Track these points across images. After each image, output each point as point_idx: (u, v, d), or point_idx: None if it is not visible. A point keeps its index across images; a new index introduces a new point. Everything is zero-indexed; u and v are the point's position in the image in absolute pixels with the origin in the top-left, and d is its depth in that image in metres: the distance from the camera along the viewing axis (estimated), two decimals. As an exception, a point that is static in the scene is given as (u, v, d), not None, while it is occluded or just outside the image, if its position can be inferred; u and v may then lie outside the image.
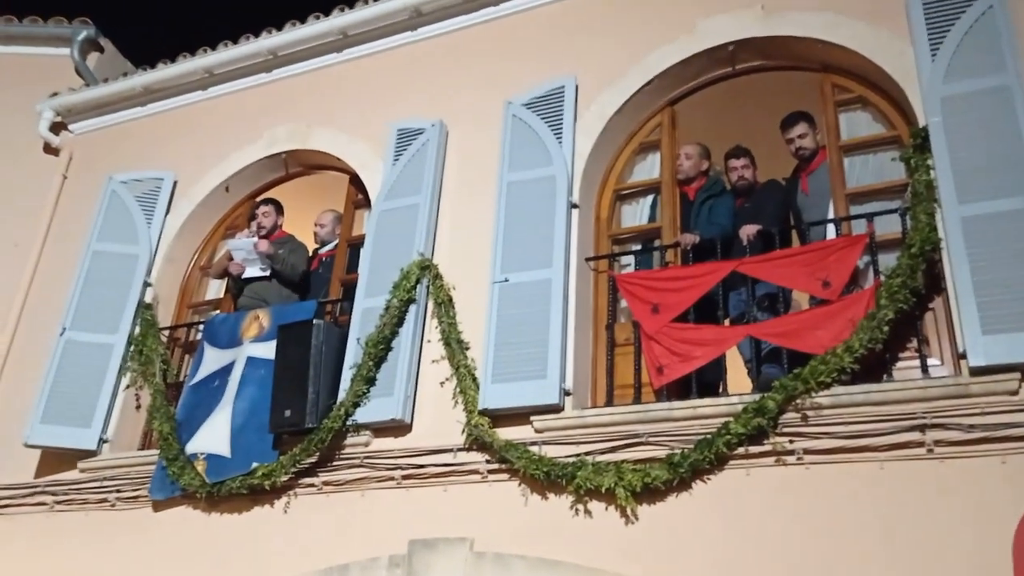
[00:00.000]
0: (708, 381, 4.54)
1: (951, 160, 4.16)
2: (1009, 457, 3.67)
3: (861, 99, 4.91)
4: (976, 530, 3.60)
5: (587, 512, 4.31)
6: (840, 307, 4.18)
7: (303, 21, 6.57)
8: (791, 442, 4.02)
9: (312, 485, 5.00)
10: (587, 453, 4.37)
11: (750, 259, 4.57)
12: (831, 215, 4.67)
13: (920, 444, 3.81)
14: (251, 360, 5.50)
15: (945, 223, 4.08)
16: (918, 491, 3.76)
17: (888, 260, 4.26)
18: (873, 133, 4.85)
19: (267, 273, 6.04)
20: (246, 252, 6.02)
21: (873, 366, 4.07)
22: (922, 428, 3.81)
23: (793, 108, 5.03)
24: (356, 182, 6.11)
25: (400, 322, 5.06)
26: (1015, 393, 3.75)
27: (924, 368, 4.04)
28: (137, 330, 6.06)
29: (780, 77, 5.24)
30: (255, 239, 6.05)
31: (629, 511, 4.19)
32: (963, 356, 3.86)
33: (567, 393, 4.59)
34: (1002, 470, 3.66)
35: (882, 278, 4.14)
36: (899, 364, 4.15)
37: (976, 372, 3.80)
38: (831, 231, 4.60)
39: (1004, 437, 3.69)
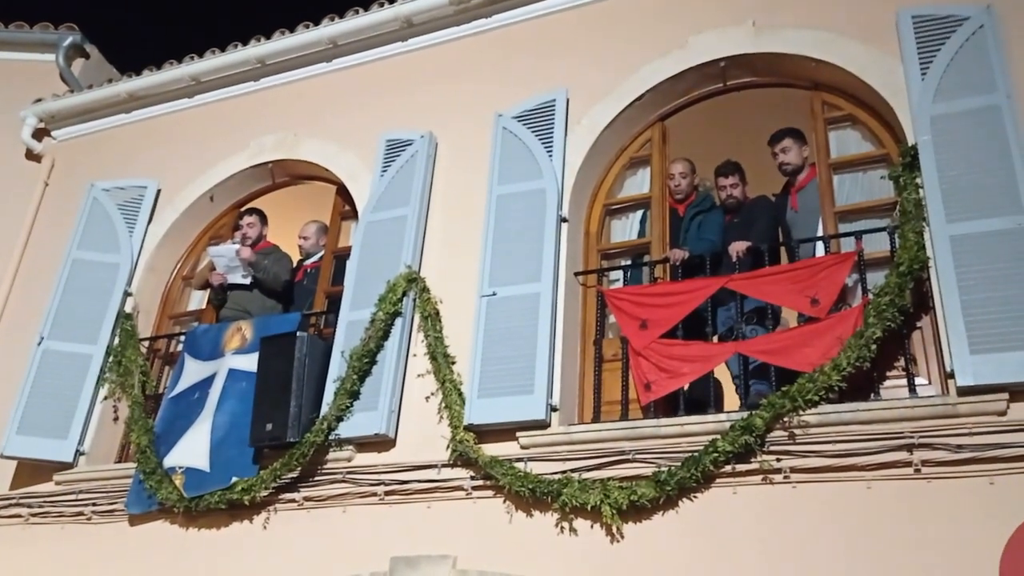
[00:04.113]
0: (696, 398, 4.51)
1: (940, 179, 4.17)
2: (997, 478, 3.66)
3: (851, 117, 4.92)
4: (963, 551, 3.59)
5: (572, 530, 4.26)
6: (828, 325, 4.17)
7: (292, 30, 6.54)
8: (778, 460, 4.00)
9: (293, 500, 4.92)
10: (573, 470, 4.33)
11: (739, 275, 4.56)
12: (820, 232, 4.67)
13: (907, 464, 3.79)
14: (232, 372, 5.43)
15: (933, 242, 4.08)
16: (905, 511, 3.75)
17: (877, 278, 4.26)
18: (863, 151, 4.86)
19: (248, 281, 5.97)
20: (228, 259, 5.95)
21: (861, 384, 4.06)
22: (909, 448, 3.80)
23: (783, 125, 5.04)
24: (343, 193, 6.07)
25: (385, 335, 5.01)
26: (1003, 414, 3.75)
27: (912, 387, 4.03)
28: (116, 340, 5.97)
29: (771, 94, 5.25)
30: (237, 246, 5.99)
31: (615, 529, 4.15)
32: (951, 376, 3.86)
33: (554, 409, 4.55)
34: (989, 491, 3.65)
35: (870, 296, 4.14)
36: (887, 383, 4.15)
37: (964, 392, 3.79)
38: (820, 248, 4.60)
39: (992, 458, 3.68)
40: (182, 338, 6.06)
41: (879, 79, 4.62)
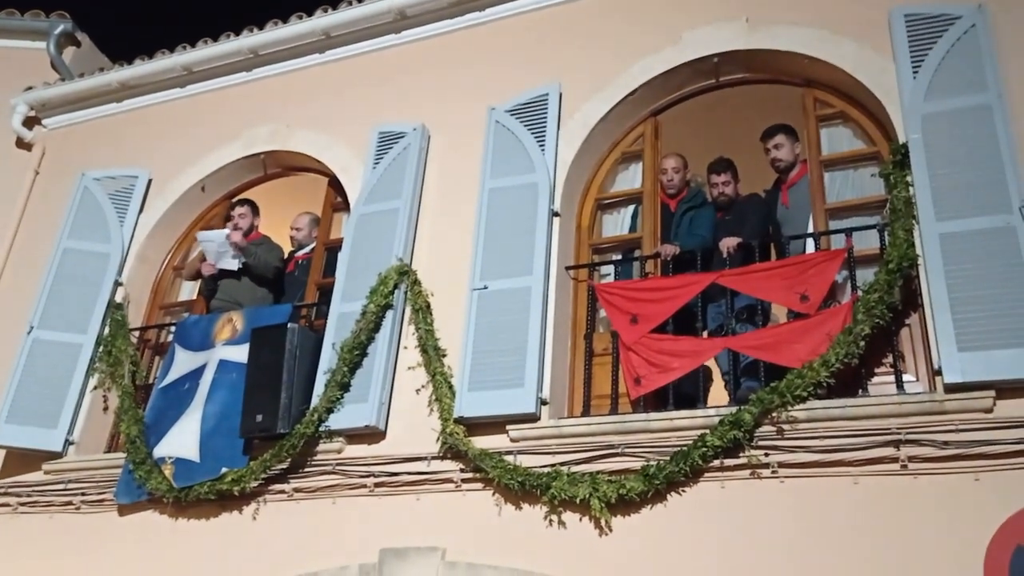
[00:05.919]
0: (686, 393, 4.52)
1: (930, 177, 4.19)
2: (983, 474, 3.69)
3: (843, 114, 4.93)
4: (949, 547, 3.61)
5: (561, 523, 4.28)
6: (817, 321, 4.19)
7: (285, 21, 6.51)
8: (766, 455, 4.02)
9: (282, 492, 4.92)
10: (562, 463, 4.35)
11: (730, 271, 4.57)
12: (810, 229, 4.68)
13: (894, 460, 3.82)
14: (223, 363, 5.42)
15: (923, 240, 4.10)
16: (891, 507, 3.77)
17: (866, 275, 4.28)
18: (854, 149, 4.88)
19: (239, 266, 5.95)
20: (218, 244, 5.93)
21: (849, 381, 4.08)
22: (896, 444, 3.82)
23: (776, 121, 5.05)
24: (335, 185, 6.06)
25: (376, 328, 5.01)
26: (989, 411, 3.77)
27: (899, 384, 4.06)
28: (106, 330, 5.95)
29: (763, 90, 5.26)
30: (228, 230, 5.97)
31: (603, 522, 4.16)
32: (938, 373, 3.88)
33: (544, 402, 4.56)
34: (975, 487, 3.68)
35: (859, 293, 4.16)
36: (875, 379, 4.17)
37: (951, 389, 3.82)
38: (810, 245, 4.62)
39: (978, 454, 3.70)
40: (172, 328, 6.05)
41: (871, 77, 4.64)
